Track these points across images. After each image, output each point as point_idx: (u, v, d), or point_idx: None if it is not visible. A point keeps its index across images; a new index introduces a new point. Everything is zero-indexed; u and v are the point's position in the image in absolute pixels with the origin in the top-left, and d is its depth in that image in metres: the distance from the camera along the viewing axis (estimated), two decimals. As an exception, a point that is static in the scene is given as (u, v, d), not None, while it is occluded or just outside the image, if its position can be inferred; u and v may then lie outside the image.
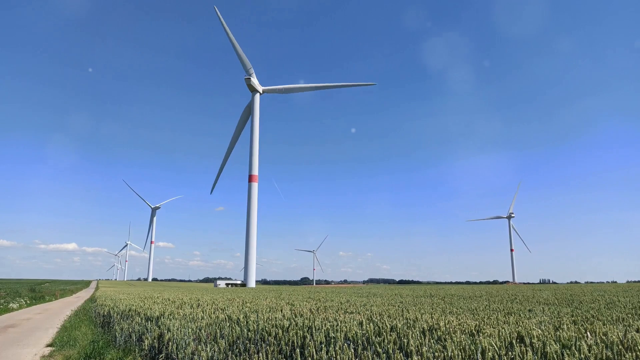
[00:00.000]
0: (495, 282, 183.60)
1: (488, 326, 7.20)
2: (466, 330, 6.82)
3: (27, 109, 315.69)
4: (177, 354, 7.90)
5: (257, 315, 9.72)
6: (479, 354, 5.21)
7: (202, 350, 7.16)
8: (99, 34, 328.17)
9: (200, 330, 8.47)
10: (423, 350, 5.45)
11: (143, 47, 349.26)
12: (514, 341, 5.75)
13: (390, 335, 6.44)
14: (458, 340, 5.78)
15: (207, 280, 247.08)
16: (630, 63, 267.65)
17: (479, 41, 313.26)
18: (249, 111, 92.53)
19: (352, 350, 5.88)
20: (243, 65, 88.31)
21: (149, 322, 10.81)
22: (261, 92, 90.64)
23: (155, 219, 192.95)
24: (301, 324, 7.81)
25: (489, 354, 5.09)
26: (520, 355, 4.93)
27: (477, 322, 7.74)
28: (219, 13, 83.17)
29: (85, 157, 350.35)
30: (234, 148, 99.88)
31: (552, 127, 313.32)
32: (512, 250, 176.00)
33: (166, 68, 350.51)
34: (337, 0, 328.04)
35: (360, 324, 7.72)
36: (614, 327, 7.03)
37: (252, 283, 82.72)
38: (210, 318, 9.94)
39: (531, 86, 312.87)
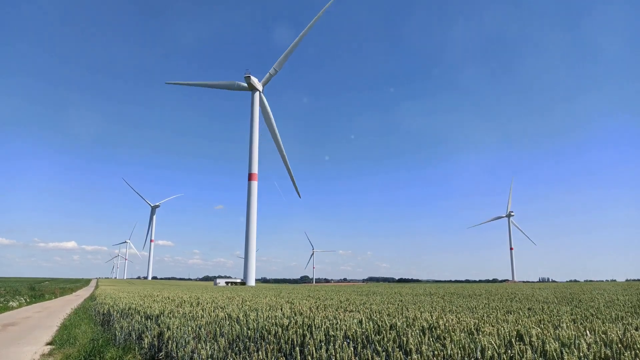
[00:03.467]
0: (494, 281, 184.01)
1: (487, 325, 7.20)
2: (465, 329, 6.82)
3: (26, 107, 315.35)
4: (176, 352, 7.91)
5: (257, 314, 9.73)
6: (479, 353, 5.22)
7: (202, 348, 7.17)
8: (99, 32, 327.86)
9: (200, 328, 8.48)
10: (422, 348, 5.46)
11: (142, 46, 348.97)
12: (513, 340, 5.76)
13: (389, 333, 6.44)
14: (457, 338, 5.79)
15: (206, 278, 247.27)
16: (629, 61, 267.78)
17: (478, 40, 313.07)
18: (233, 87, 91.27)
19: (352, 349, 5.89)
20: (280, 61, 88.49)
21: (149, 320, 10.82)
22: (261, 90, 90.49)
23: (154, 217, 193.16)
24: (301, 323, 7.82)
25: (489, 352, 5.10)
26: (520, 354, 4.94)
27: (477, 321, 7.75)
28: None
29: (84, 155, 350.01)
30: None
31: (551, 125, 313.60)
32: (511, 248, 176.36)
33: (166, 67, 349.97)
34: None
35: (360, 322, 7.73)
36: (613, 325, 7.03)
37: (251, 281, 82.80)
38: (210, 316, 9.94)
39: (530, 84, 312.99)
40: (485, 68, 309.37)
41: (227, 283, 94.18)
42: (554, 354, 4.89)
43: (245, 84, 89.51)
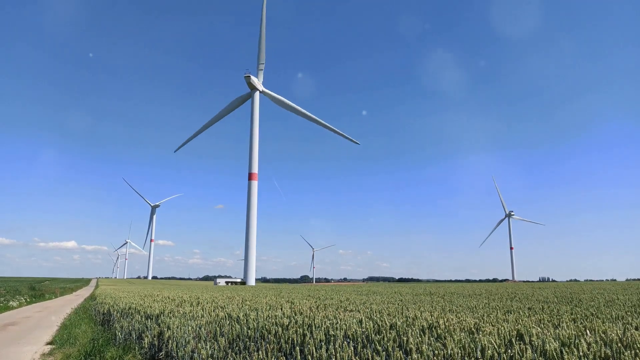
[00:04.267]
0: (495, 280, 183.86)
1: (488, 324, 7.21)
2: (466, 328, 6.82)
3: (26, 107, 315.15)
4: (177, 352, 7.91)
5: (257, 314, 9.73)
6: (479, 352, 5.22)
7: (202, 348, 7.17)
8: (98, 32, 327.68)
9: (200, 328, 8.48)
10: (423, 348, 5.46)
11: (143, 45, 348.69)
12: (513, 339, 5.76)
13: (389, 333, 6.45)
14: (458, 338, 5.79)
15: (206, 278, 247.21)
16: (631, 61, 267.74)
17: (480, 40, 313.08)
18: (238, 102, 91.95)
19: (352, 348, 5.89)
20: (258, 57, 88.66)
21: (149, 320, 10.82)
22: (261, 90, 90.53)
23: (155, 217, 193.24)
24: (301, 322, 7.82)
25: (489, 352, 5.10)
26: (520, 353, 4.94)
27: (477, 320, 7.75)
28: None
29: (84, 155, 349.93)
30: (210, 128, 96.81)
31: (552, 126, 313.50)
32: (511, 248, 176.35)
33: (166, 66, 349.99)
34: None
35: (360, 322, 7.73)
36: (613, 325, 7.04)
37: (252, 281, 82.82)
38: (210, 316, 9.95)
39: (532, 85, 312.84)
40: (487, 67, 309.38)
41: (227, 283, 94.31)
42: (554, 353, 4.89)
43: (246, 91, 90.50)
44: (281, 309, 11.14)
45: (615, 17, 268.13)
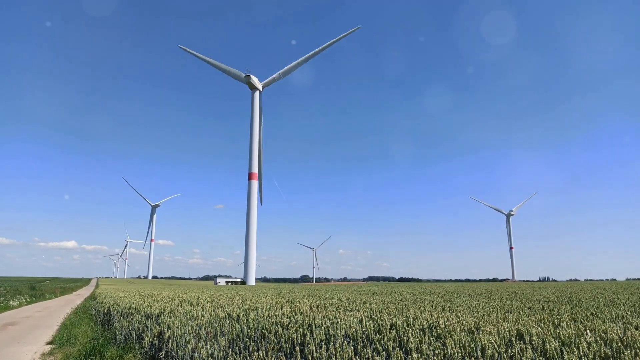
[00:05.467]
0: (495, 280, 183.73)
1: (488, 324, 7.20)
2: (466, 328, 6.82)
3: (26, 106, 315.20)
4: (177, 351, 7.91)
5: (257, 313, 9.73)
6: (479, 352, 5.22)
7: (202, 347, 7.17)
8: (100, 32, 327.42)
9: (200, 328, 8.48)
10: (423, 347, 5.46)
11: (143, 45, 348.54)
12: (513, 339, 5.75)
13: (390, 332, 6.44)
14: (458, 338, 5.79)
15: (207, 277, 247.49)
16: (631, 59, 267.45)
17: (479, 40, 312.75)
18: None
19: (352, 348, 5.89)
20: (286, 70, 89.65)
21: (149, 319, 10.82)
22: (261, 89, 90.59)
23: (155, 216, 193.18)
24: (301, 322, 7.82)
25: (489, 351, 5.10)
26: (520, 353, 4.94)
27: (477, 320, 7.75)
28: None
29: (85, 154, 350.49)
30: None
31: (552, 125, 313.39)
32: (511, 247, 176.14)
33: (166, 66, 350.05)
34: (333, 1, 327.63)
35: (360, 321, 7.73)
36: (614, 324, 7.03)
37: (252, 281, 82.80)
38: (210, 316, 9.94)
39: (531, 83, 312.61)
40: (487, 67, 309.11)
41: (227, 282, 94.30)
42: (554, 353, 4.89)
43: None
44: (281, 308, 11.14)
45: (616, 15, 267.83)
